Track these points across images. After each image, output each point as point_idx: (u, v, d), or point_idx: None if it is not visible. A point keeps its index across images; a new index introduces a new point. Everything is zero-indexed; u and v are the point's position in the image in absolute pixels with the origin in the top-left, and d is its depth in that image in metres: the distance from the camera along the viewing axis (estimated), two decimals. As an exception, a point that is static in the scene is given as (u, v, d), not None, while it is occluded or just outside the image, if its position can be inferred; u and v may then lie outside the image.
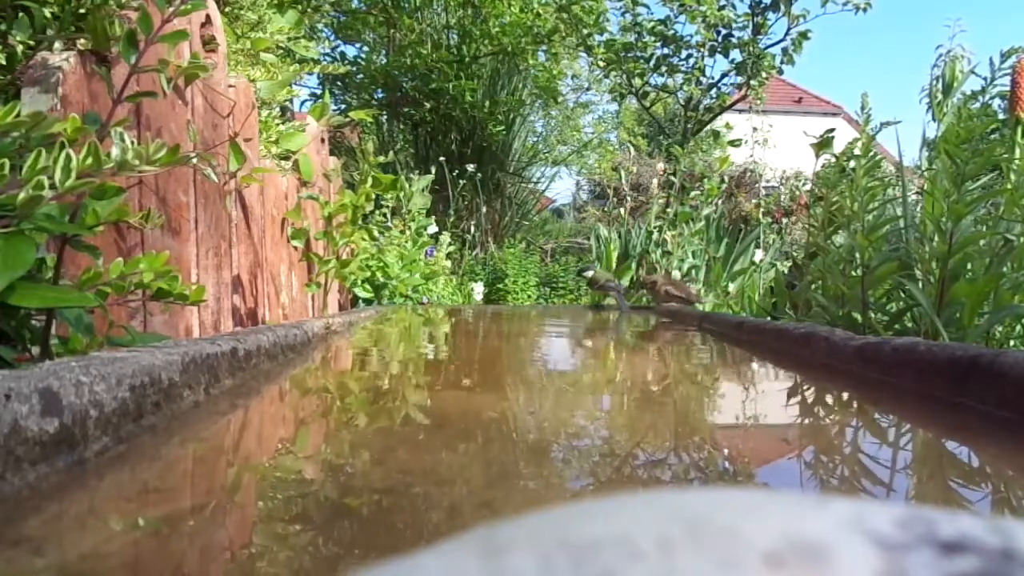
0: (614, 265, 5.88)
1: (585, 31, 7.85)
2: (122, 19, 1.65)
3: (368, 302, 4.38)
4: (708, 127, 8.30)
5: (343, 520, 0.61)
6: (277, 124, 2.96)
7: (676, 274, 5.20)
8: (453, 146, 8.02)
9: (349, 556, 0.53)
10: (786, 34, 7.43)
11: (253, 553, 0.54)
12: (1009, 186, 2.03)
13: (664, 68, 8.02)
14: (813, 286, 2.72)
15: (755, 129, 9.53)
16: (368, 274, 4.33)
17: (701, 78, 7.94)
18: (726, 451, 0.90)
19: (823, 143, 2.95)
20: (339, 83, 7.84)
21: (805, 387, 1.48)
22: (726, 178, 6.20)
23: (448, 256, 5.47)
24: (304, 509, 0.64)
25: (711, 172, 5.70)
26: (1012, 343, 2.11)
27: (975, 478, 0.80)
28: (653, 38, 7.81)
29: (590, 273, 3.94)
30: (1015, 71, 2.38)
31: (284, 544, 0.55)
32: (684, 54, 7.94)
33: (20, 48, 1.62)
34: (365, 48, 8.52)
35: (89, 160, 1.01)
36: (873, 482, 0.77)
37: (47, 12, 1.66)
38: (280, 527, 0.59)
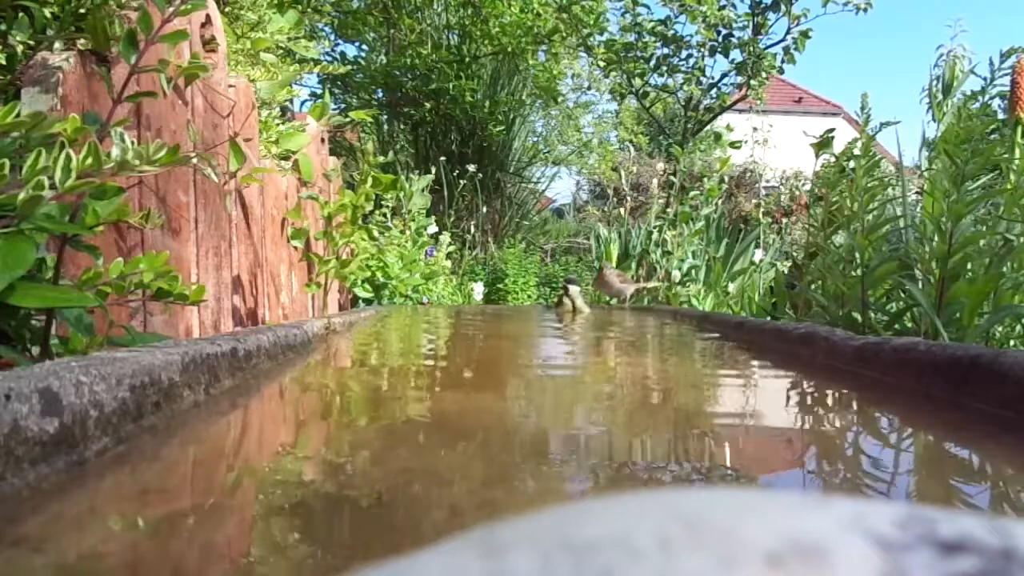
0: (614, 265, 5.88)
1: (585, 31, 7.85)
2: (122, 19, 1.65)
3: (368, 302, 4.38)
4: (708, 127, 8.31)
5: (343, 519, 0.61)
6: (277, 124, 2.96)
7: (676, 274, 5.21)
8: (453, 146, 8.03)
9: (349, 555, 0.53)
10: (786, 34, 7.43)
11: (253, 553, 0.54)
12: (1009, 186, 2.03)
13: (664, 68, 8.02)
14: (813, 286, 2.72)
15: (755, 129, 9.54)
16: (368, 274, 4.33)
17: (701, 78, 7.95)
18: (724, 448, 0.90)
19: (823, 143, 2.95)
20: (339, 83, 7.84)
21: (805, 386, 1.48)
22: (726, 178, 6.21)
23: (448, 256, 5.48)
24: (304, 509, 0.64)
25: (711, 172, 5.71)
26: (1012, 343, 2.11)
27: (975, 478, 0.80)
28: (653, 38, 7.81)
29: (574, 287, 3.98)
30: (1015, 71, 2.39)
31: (284, 544, 0.55)
32: (684, 54, 7.95)
33: (20, 48, 1.62)
34: (365, 48, 8.52)
35: (89, 160, 1.01)
36: (873, 482, 0.77)
37: (47, 12, 1.67)
38: (280, 527, 0.59)
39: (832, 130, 3.02)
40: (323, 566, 0.51)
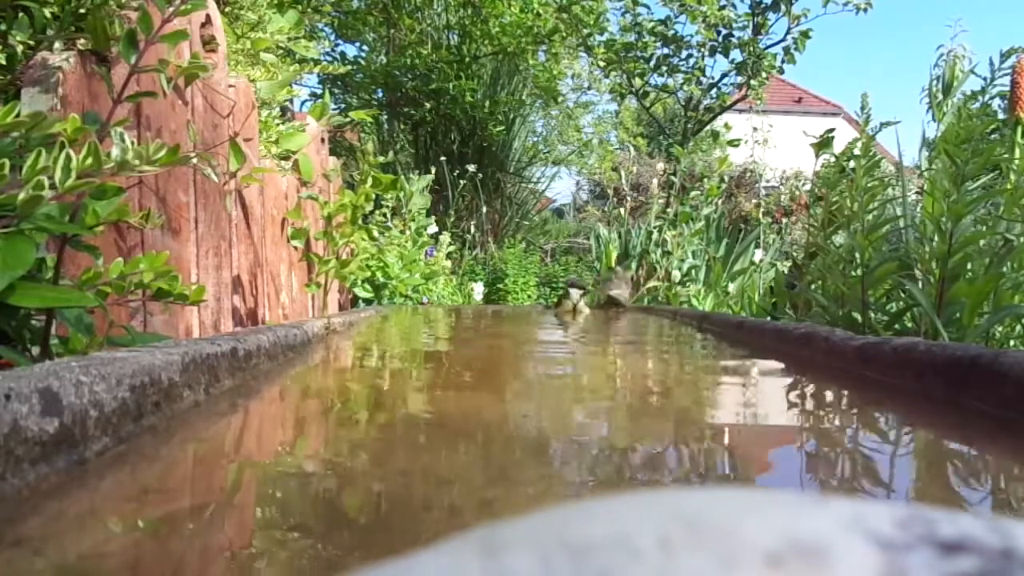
0: (614, 265, 5.88)
1: (585, 31, 7.85)
2: (122, 19, 1.65)
3: (368, 302, 4.38)
4: (708, 127, 8.31)
5: (343, 519, 0.61)
6: (277, 124, 2.96)
7: (676, 274, 5.22)
8: (453, 146, 8.03)
9: (349, 555, 0.53)
10: (786, 34, 7.44)
11: (253, 553, 0.54)
12: (1009, 186, 2.03)
13: (664, 68, 8.02)
14: (813, 286, 2.72)
15: (755, 129, 9.54)
16: (368, 274, 4.33)
17: (701, 78, 7.95)
18: (724, 449, 0.90)
19: (823, 143, 2.95)
20: (339, 83, 7.84)
21: (805, 386, 1.48)
22: (726, 178, 6.22)
23: (448, 256, 5.48)
24: (304, 509, 0.64)
25: (711, 172, 5.71)
26: (1012, 343, 2.11)
27: (975, 478, 0.80)
28: (653, 38, 7.81)
29: (574, 291, 4.18)
30: (1015, 71, 2.39)
31: (284, 544, 0.55)
32: (684, 54, 7.95)
33: (20, 48, 1.62)
34: (365, 48, 8.53)
35: (89, 160, 1.01)
36: (873, 482, 0.77)
37: (47, 12, 1.67)
38: (280, 527, 0.59)
39: (832, 130, 3.02)
40: (323, 566, 0.51)
